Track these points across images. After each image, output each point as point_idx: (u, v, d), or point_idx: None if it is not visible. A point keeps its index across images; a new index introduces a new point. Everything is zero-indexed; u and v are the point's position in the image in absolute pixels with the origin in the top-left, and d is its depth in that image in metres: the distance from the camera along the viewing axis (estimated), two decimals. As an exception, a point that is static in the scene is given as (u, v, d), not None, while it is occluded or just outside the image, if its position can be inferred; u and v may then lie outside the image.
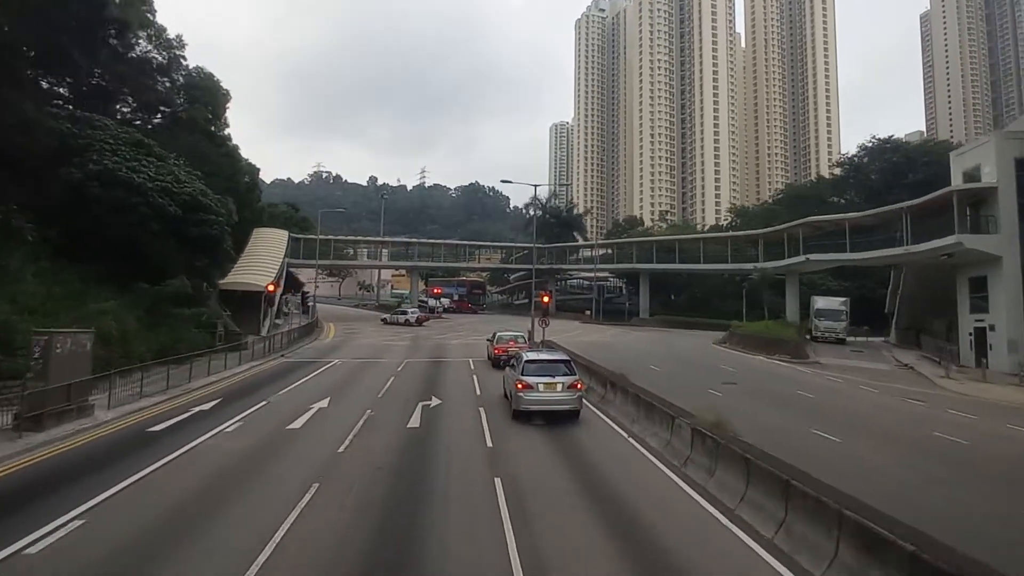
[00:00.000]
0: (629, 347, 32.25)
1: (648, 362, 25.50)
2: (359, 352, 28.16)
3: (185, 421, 12.61)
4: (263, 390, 16.85)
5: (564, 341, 30.93)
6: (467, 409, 14.68)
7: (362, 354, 27.19)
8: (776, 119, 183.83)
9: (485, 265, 70.90)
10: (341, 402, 15.06)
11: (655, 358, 27.27)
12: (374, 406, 14.52)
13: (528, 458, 10.27)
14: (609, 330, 45.15)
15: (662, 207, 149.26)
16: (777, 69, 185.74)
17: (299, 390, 16.93)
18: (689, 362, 26.14)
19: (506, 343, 22.42)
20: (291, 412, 13.48)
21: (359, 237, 59.23)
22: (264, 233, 48.97)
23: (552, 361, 14.80)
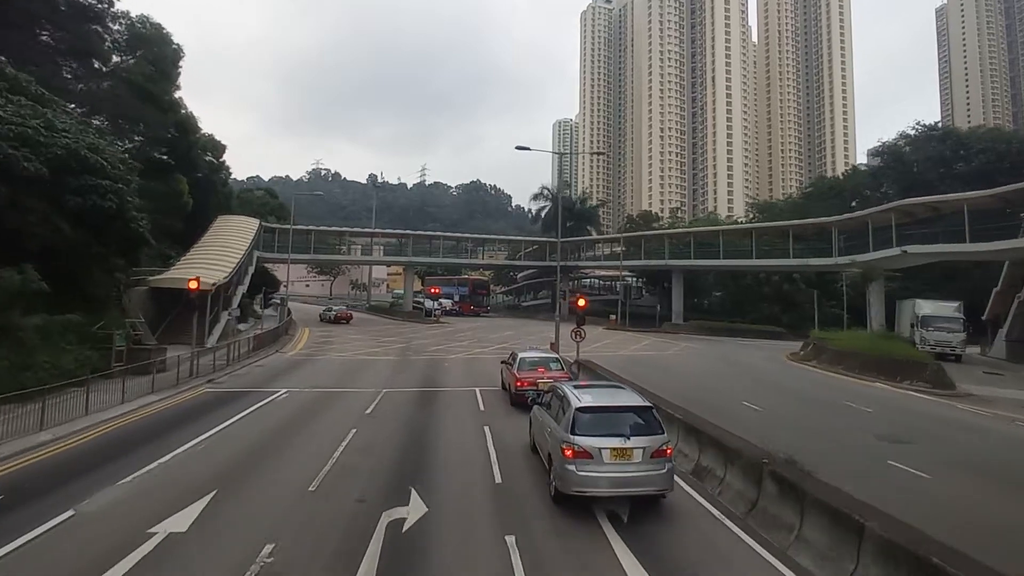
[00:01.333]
0: (685, 365, 24.64)
1: (729, 392, 17.92)
2: (324, 374, 20.53)
3: None
4: (103, 469, 9.21)
5: (597, 356, 23.36)
6: (480, 528, 7.06)
7: (326, 378, 19.55)
8: (790, 113, 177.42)
9: (491, 262, 63.05)
10: (226, 511, 7.44)
11: (732, 384, 19.67)
12: (288, 527, 6.91)
13: None
14: (643, 338, 37.50)
15: (672, 204, 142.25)
16: (791, 62, 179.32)
17: (166, 472, 9.20)
18: (789, 393, 18.45)
19: (534, 370, 14.81)
20: (96, 557, 5.92)
21: (345, 228, 51.60)
22: (229, 221, 41.37)
23: (622, 408, 8.20)
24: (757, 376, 21.80)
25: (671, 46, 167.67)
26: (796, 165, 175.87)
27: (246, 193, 51.70)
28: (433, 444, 11.28)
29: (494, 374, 19.87)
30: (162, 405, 14.56)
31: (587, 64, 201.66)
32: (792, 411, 15.44)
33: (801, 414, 15.09)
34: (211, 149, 41.31)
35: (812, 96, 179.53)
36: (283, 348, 28.85)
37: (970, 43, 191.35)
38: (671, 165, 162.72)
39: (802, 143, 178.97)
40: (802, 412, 15.38)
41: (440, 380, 19.42)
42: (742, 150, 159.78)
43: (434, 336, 36.84)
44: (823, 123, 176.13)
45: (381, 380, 19.10)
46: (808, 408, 16.00)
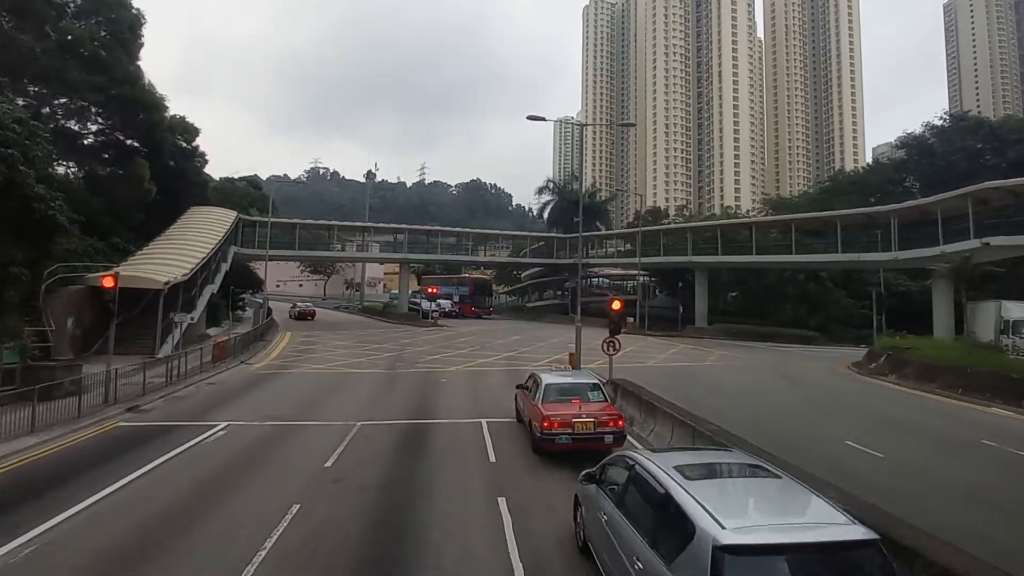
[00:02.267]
0: (740, 382, 20.20)
1: (820, 424, 13.57)
2: (288, 397, 16.13)
3: None
4: None
5: (625, 368, 19.01)
6: None
7: (289, 403, 15.14)
8: (797, 109, 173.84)
9: (494, 259, 58.34)
10: None
11: (815, 412, 15.28)
12: None
13: None
14: (667, 344, 33.05)
15: (678, 201, 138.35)
16: (798, 57, 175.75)
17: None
18: (896, 426, 13.94)
19: (566, 403, 10.38)
20: None
21: (335, 222, 47.15)
22: (201, 212, 37.00)
23: (819, 547, 3.82)
24: (836, 398, 17.37)
25: (676, 40, 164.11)
26: (804, 161, 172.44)
27: (224, 183, 47.19)
28: (420, 537, 6.87)
29: (504, 396, 15.53)
30: (35, 453, 10.15)
31: (589, 60, 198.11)
32: (924, 459, 11.02)
33: (941, 465, 10.68)
34: (181, 132, 36.84)
35: (820, 91, 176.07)
36: (252, 358, 24.42)
37: (979, 38, 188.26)
38: (676, 162, 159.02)
39: (810, 139, 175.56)
40: (939, 461, 10.97)
41: (435, 406, 15.00)
42: (749, 146, 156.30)
43: (431, 342, 32.43)
44: (831, 119, 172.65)
45: (358, 407, 14.69)
46: (942, 453, 11.58)
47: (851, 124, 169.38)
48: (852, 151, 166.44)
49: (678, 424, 10.44)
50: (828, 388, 19.21)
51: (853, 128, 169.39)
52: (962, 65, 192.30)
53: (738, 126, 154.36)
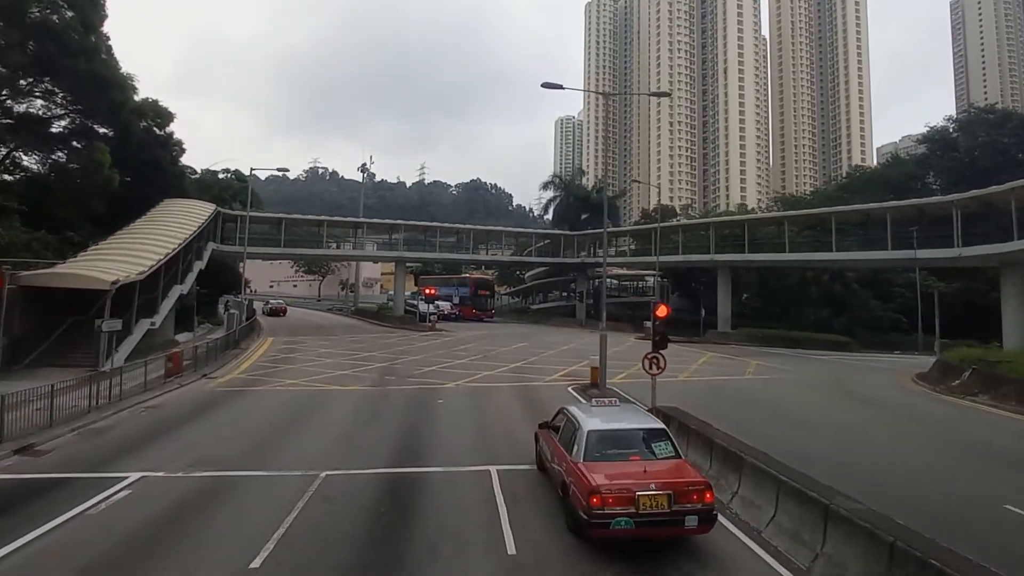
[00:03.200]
0: (800, 405, 16.59)
1: (953, 476, 10.14)
2: (241, 429, 12.62)
3: None
4: None
5: (661, 386, 15.57)
6: None
7: (238, 439, 11.63)
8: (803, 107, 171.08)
9: (497, 258, 54.45)
10: None
11: (933, 457, 11.77)
12: None
13: None
14: (698, 354, 29.33)
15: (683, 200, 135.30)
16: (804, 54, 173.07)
17: None
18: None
19: (622, 463, 6.90)
20: None
21: (324, 217, 43.49)
22: (175, 205, 33.54)
23: None
24: (934, 430, 13.84)
25: (681, 37, 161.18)
26: (810, 160, 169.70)
27: (204, 175, 43.65)
28: None
29: (517, 425, 12.19)
30: None
31: (591, 58, 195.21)
32: None
33: None
34: (153, 116, 33.37)
35: (826, 89, 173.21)
36: (218, 370, 20.91)
37: (988, 36, 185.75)
38: (681, 160, 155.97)
39: (816, 138, 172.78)
40: None
41: (428, 442, 11.46)
42: (755, 145, 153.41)
43: (428, 349, 28.94)
44: (838, 117, 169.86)
45: (328, 444, 11.19)
46: None
47: (859, 122, 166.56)
48: (860, 149, 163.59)
49: (791, 495, 6.91)
50: (913, 413, 15.65)
51: (861, 127, 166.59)
52: (969, 63, 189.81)
53: (743, 124, 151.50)
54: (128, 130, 30.24)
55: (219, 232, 36.40)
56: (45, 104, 28.88)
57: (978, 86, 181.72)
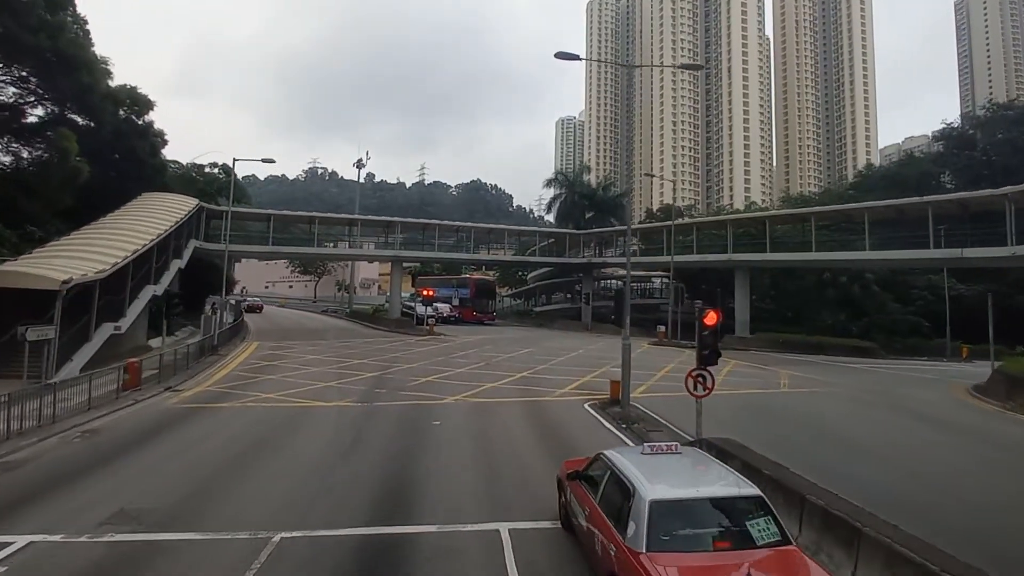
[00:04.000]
0: (861, 428, 14.04)
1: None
2: (190, 464, 10.19)
3: None
4: None
5: (683, 399, 13.28)
6: None
7: (179, 485, 9.14)
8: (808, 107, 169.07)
9: (499, 258, 51.68)
10: None
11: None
12: None
13: None
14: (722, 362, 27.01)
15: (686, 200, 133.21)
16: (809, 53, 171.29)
17: None
18: None
19: (711, 564, 4.53)
20: None
21: (316, 214, 40.99)
22: (153, 199, 31.19)
23: None
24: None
25: (684, 35, 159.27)
26: (815, 160, 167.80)
27: (190, 169, 41.21)
28: None
29: (529, 459, 9.91)
30: None
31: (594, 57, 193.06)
32: None
33: None
34: (129, 103, 31.00)
35: (831, 89, 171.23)
36: (188, 381, 18.52)
37: (993, 36, 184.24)
38: (684, 160, 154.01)
39: (820, 138, 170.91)
40: None
41: (419, 488, 8.97)
42: (759, 145, 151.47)
43: (425, 356, 26.55)
44: (843, 117, 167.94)
45: (291, 488, 8.78)
46: None
47: (864, 122, 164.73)
48: (865, 150, 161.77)
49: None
50: (997, 440, 13.21)
51: (866, 127, 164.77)
52: (975, 64, 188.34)
53: (747, 124, 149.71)
54: (99, 117, 27.84)
55: (202, 229, 34.01)
56: (17, 92, 26.62)
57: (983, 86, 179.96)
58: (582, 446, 11.18)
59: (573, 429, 12.94)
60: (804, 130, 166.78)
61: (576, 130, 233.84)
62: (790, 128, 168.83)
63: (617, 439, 12.03)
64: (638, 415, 13.90)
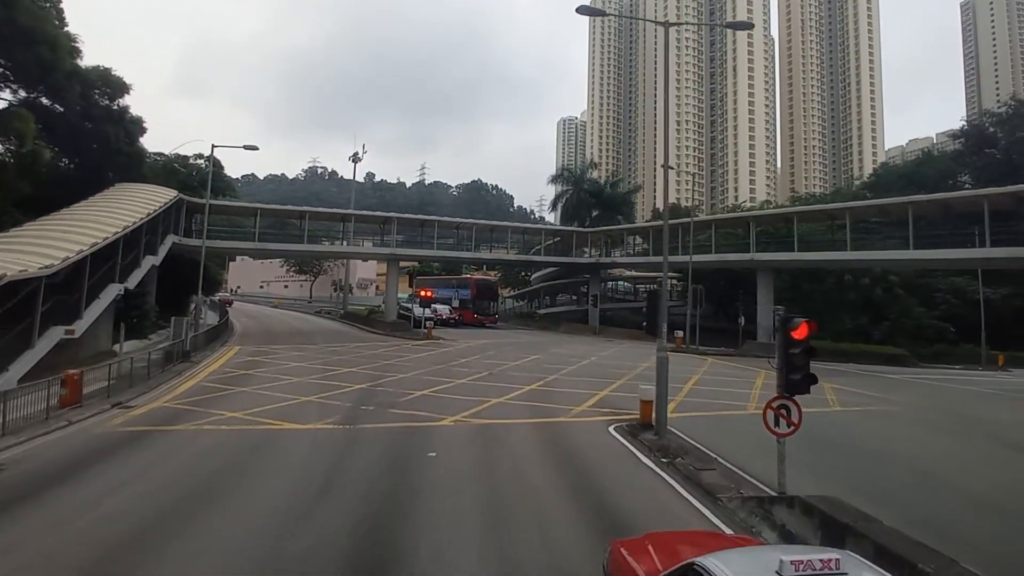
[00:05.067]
0: (974, 470, 11.51)
1: None
2: (100, 520, 7.63)
3: None
4: None
5: (714, 421, 10.84)
6: None
7: (67, 559, 6.58)
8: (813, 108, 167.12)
9: (502, 256, 48.80)
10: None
11: None
12: None
13: None
14: (749, 373, 24.21)
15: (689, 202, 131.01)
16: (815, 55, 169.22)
17: None
18: None
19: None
20: None
21: (306, 208, 38.38)
22: (126, 190, 28.65)
23: None
24: None
25: (688, 33, 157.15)
26: (820, 161, 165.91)
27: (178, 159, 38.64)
28: None
29: (555, 523, 7.23)
30: None
31: (596, 57, 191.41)
32: None
33: None
34: (101, 85, 28.44)
35: (836, 90, 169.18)
36: (146, 394, 15.96)
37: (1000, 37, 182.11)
38: (687, 159, 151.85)
39: (826, 139, 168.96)
40: None
41: (405, 569, 6.45)
42: (764, 145, 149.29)
43: (421, 364, 23.98)
44: (849, 118, 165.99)
45: (224, 564, 6.23)
46: None
47: (870, 123, 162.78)
48: (872, 151, 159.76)
49: None
50: None
51: (872, 128, 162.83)
52: (981, 65, 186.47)
53: (753, 124, 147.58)
54: (64, 99, 25.30)
55: (182, 223, 31.47)
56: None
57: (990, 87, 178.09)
58: (622, 496, 8.64)
59: (603, 466, 10.38)
60: (809, 131, 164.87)
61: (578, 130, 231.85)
62: (795, 129, 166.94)
63: (664, 484, 9.45)
64: (679, 445, 11.33)
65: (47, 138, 29.02)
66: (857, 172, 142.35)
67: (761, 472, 9.88)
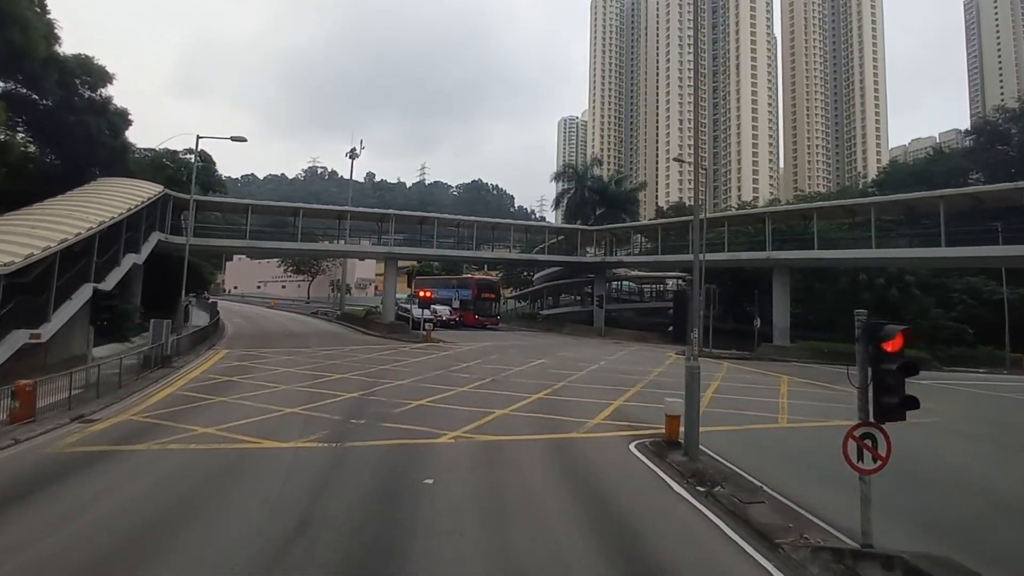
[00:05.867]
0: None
1: None
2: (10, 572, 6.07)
3: None
4: None
5: (744, 436, 9.35)
6: None
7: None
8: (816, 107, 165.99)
9: (505, 256, 46.90)
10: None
11: None
12: None
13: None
14: (769, 379, 22.74)
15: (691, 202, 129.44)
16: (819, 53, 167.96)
17: None
18: None
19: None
20: None
21: (300, 204, 36.73)
22: (108, 184, 27.13)
23: None
24: None
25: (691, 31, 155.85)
26: (823, 161, 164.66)
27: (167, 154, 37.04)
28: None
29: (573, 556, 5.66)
30: None
31: (597, 56, 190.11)
32: None
33: None
34: (81, 73, 26.88)
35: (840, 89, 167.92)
36: (113, 405, 14.45)
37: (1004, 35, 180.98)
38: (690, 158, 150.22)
39: (829, 138, 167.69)
40: None
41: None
42: (767, 144, 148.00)
43: (419, 369, 22.46)
44: (853, 117, 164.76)
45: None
46: None
47: (874, 123, 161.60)
48: (875, 150, 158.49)
49: None
50: None
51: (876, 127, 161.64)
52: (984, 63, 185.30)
53: (756, 123, 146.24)
54: (41, 86, 23.77)
55: (168, 220, 29.93)
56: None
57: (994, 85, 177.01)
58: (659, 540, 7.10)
59: (630, 498, 8.82)
60: (812, 130, 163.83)
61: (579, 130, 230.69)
62: (798, 128, 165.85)
63: (704, 522, 7.88)
64: (715, 469, 9.77)
65: (27, 131, 27.61)
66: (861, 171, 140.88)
67: (820, 506, 8.34)
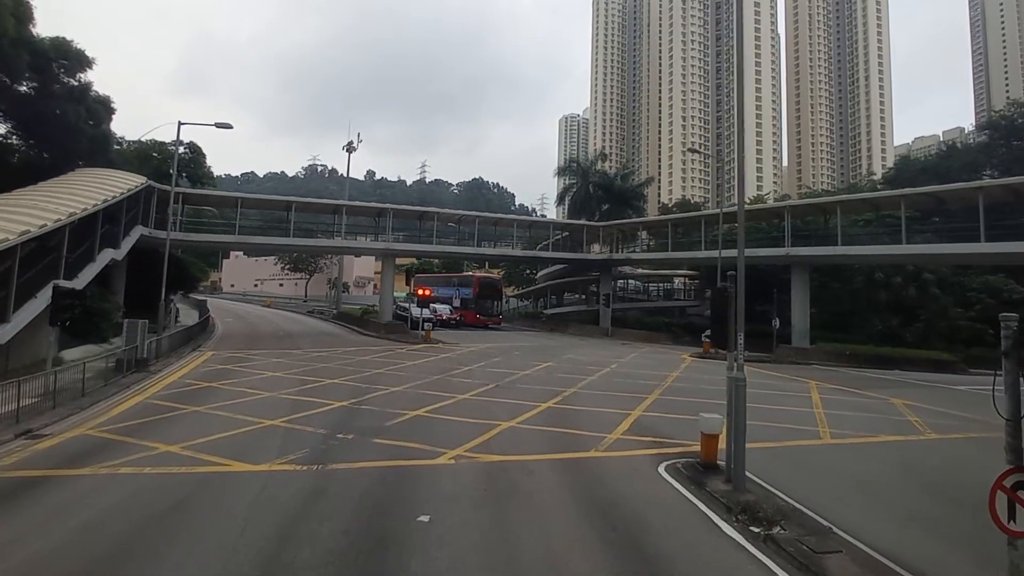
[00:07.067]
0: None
1: None
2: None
3: None
4: None
5: (793, 455, 7.53)
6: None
7: None
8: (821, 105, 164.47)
9: (508, 253, 44.89)
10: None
11: None
12: None
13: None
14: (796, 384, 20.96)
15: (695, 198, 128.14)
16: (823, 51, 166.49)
17: None
18: None
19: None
20: None
21: (293, 198, 35.04)
22: (87, 175, 25.45)
23: None
24: None
25: (694, 27, 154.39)
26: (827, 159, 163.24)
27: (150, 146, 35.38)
28: None
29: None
30: None
31: (599, 52, 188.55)
32: None
33: None
34: (55, 56, 25.20)
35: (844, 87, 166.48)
36: (72, 416, 12.83)
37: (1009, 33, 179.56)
38: (695, 157, 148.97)
39: (834, 136, 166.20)
40: None
41: None
42: (771, 142, 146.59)
43: (417, 374, 20.81)
44: (857, 115, 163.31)
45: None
46: None
47: (879, 120, 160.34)
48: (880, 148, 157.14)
49: None
50: None
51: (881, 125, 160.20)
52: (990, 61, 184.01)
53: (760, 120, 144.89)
54: (12, 69, 22.12)
55: (150, 213, 28.26)
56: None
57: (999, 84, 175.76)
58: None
59: (667, 540, 7.15)
60: (817, 128, 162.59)
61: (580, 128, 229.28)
62: (802, 126, 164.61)
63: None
64: (770, 504, 8.10)
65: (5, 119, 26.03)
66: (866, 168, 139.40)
67: (915, 558, 6.68)
